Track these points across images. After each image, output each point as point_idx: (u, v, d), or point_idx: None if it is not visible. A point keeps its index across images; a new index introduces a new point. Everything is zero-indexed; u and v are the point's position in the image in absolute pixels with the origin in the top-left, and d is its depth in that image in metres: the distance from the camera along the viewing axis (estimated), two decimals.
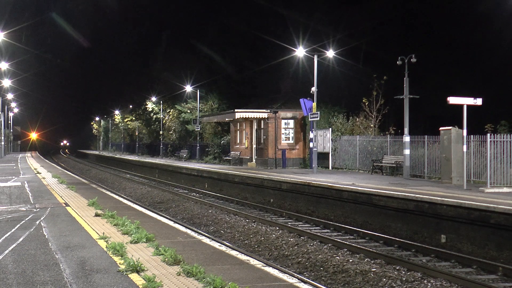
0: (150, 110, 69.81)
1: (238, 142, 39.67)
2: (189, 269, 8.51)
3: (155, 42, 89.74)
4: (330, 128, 32.50)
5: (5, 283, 8.03)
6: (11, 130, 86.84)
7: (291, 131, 34.79)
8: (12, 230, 12.31)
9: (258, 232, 17.76)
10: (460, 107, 19.80)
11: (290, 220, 20.56)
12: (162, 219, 15.18)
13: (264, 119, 34.80)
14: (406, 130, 25.01)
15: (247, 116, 35.24)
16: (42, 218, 14.16)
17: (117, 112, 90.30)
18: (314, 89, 29.47)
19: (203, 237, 12.81)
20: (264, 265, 9.67)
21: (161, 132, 62.70)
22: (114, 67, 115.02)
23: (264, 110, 34.65)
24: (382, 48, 42.45)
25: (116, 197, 21.67)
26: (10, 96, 72.17)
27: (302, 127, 34.60)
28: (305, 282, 10.27)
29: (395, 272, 12.53)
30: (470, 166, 21.58)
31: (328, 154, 32.41)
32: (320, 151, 31.90)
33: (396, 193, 17.78)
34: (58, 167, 50.74)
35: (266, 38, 46.66)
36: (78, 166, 67.18)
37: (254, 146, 36.90)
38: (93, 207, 16.25)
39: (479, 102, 19.75)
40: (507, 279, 12.25)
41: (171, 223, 14.35)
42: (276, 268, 10.54)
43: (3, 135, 65.32)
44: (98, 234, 11.77)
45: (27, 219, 14.09)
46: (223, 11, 70.74)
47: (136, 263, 8.72)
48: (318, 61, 29.70)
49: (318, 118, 29.61)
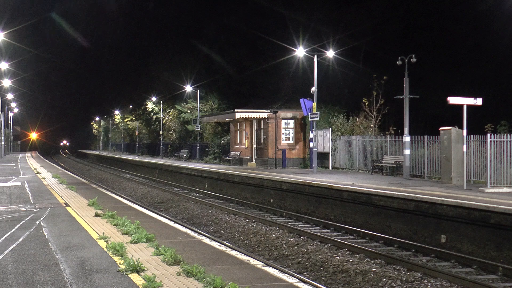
0: (150, 110, 69.79)
1: (238, 142, 39.67)
2: (189, 269, 8.51)
3: (155, 42, 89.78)
4: (330, 128, 32.50)
5: (5, 283, 8.03)
6: (11, 130, 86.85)
7: (291, 131, 34.79)
8: (12, 230, 12.31)
9: (258, 232, 17.77)
10: (460, 107, 19.80)
11: (290, 220, 20.56)
12: (162, 219, 15.18)
13: (264, 119, 34.80)
14: (406, 130, 25.01)
15: (247, 116, 35.25)
16: (42, 218, 14.16)
17: (117, 112, 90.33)
18: (314, 89, 29.48)
19: (203, 237, 12.81)
20: (264, 265, 9.67)
21: (161, 132, 62.69)
22: (114, 67, 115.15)
23: (264, 110, 34.65)
24: (382, 48, 42.41)
25: (116, 197, 21.67)
26: (10, 96, 72.17)
27: (302, 127, 34.60)
28: (305, 282, 10.26)
29: (395, 272, 12.53)
30: (470, 166, 21.58)
31: (328, 154, 32.40)
32: (320, 151, 31.90)
33: (396, 193, 17.77)
34: (58, 167, 50.75)
35: (266, 38, 46.63)
36: (78, 166, 67.20)
37: (254, 146, 36.90)
38: (93, 207, 16.25)
39: (479, 102, 19.75)
40: (507, 279, 12.25)
41: (171, 223, 14.35)
42: (276, 268, 10.54)
43: (3, 135, 65.31)
44: (98, 234, 11.77)
45: (27, 219, 14.09)
46: (223, 11, 70.69)
47: (136, 263, 8.72)
48: (318, 61, 29.71)
49: (318, 118, 29.61)
